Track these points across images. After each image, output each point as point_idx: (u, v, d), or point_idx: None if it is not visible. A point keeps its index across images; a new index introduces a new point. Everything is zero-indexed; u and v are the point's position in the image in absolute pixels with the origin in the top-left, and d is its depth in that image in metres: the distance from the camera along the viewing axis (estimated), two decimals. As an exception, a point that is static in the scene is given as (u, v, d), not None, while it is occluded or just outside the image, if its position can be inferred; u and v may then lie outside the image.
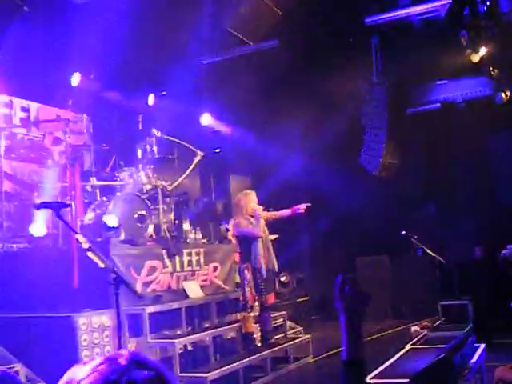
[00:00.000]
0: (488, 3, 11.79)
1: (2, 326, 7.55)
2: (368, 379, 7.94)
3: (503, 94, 13.39)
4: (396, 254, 15.01)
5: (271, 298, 10.36)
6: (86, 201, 9.12)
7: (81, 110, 10.04)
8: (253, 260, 9.53)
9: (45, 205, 4.83)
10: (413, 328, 12.27)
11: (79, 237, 4.70)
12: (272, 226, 10.26)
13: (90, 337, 7.48)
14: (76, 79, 10.66)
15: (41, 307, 7.88)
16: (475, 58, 12.83)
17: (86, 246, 4.57)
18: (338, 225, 15.49)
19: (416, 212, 16.33)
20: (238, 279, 10.75)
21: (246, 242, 9.61)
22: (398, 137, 14.36)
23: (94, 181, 9.22)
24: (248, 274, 9.51)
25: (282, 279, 14.31)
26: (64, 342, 7.28)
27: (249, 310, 9.52)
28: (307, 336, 10.66)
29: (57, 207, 4.59)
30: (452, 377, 7.07)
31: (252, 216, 9.60)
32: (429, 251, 13.85)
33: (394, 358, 8.67)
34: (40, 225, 8.59)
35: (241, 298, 10.11)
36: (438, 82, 15.33)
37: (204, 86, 12.94)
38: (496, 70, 13.19)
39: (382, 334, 12.38)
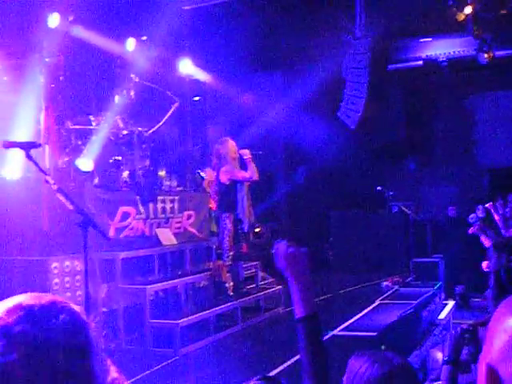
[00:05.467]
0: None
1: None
2: (337, 331, 8.06)
3: (486, 55, 13.32)
4: (371, 209, 15.08)
5: (244, 248, 10.39)
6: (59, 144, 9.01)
7: (57, 53, 9.83)
8: (238, 209, 9.49)
9: (14, 144, 4.71)
10: (384, 283, 12.45)
11: (48, 178, 4.63)
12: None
13: (62, 281, 7.47)
14: (54, 21, 10.38)
15: (14, 250, 7.83)
16: (460, 17, 12.72)
17: (54, 187, 4.50)
18: (314, 177, 15.48)
19: (394, 168, 16.39)
20: (213, 228, 10.75)
21: (231, 190, 9.51)
22: (379, 93, 14.30)
23: (68, 124, 9.09)
24: (229, 224, 9.45)
25: (257, 230, 14.34)
26: (36, 286, 7.26)
27: (225, 260, 9.51)
28: (279, 287, 10.73)
29: (27, 147, 4.48)
30: (420, 332, 7.19)
31: (238, 162, 9.54)
32: (404, 208, 13.97)
33: (364, 312, 8.81)
34: (14, 167, 8.47)
35: (215, 247, 10.13)
36: (422, 40, 15.21)
37: (185, 32, 12.73)
38: (480, 30, 13.10)
39: (353, 288, 12.49)
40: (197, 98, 10.66)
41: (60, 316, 1.36)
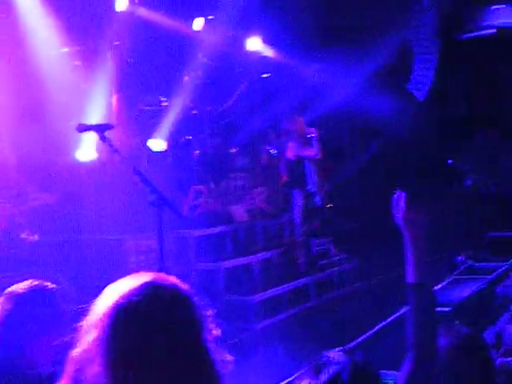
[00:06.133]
0: None
1: (54, 247, 7.73)
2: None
3: None
4: (445, 182, 14.79)
5: (317, 224, 10.37)
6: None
7: (126, 36, 9.96)
8: (309, 184, 9.50)
9: (88, 127, 4.80)
10: (458, 258, 12.24)
11: (122, 159, 4.72)
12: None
13: (137, 259, 7.64)
14: (121, 4, 10.48)
15: (90, 230, 8.05)
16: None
17: (128, 167, 4.59)
18: (386, 152, 15.26)
19: (467, 141, 16.01)
20: (284, 204, 10.78)
21: (299, 166, 9.52)
22: (449, 64, 13.96)
23: (140, 105, 9.24)
24: (300, 199, 9.47)
25: (329, 205, 14.27)
26: (112, 264, 7.44)
27: (298, 236, 9.53)
28: (352, 262, 10.68)
29: (100, 129, 4.57)
30: (494, 307, 7.06)
31: (305, 140, 9.52)
32: (478, 181, 13.66)
33: (439, 287, 8.69)
34: (88, 149, 8.66)
35: (288, 223, 10.16)
36: (494, 7, 14.73)
37: (251, 10, 12.68)
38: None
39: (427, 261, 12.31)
40: (265, 75, 10.63)
41: (181, 296, 1.55)
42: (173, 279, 1.58)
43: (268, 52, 13.46)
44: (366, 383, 2.01)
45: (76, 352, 1.48)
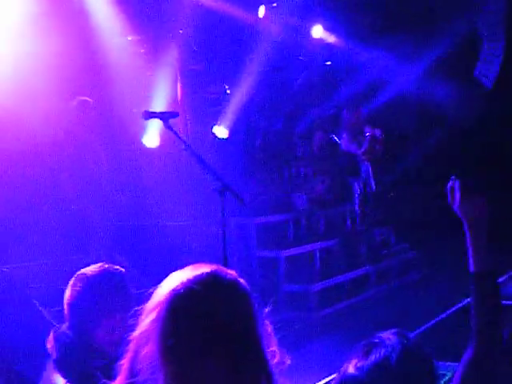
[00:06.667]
0: None
1: (120, 232, 7.86)
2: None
3: None
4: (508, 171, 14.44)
5: (377, 213, 10.30)
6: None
7: (190, 24, 10.03)
8: (363, 172, 9.47)
9: (153, 114, 4.88)
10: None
11: (187, 146, 4.78)
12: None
13: (200, 245, 7.71)
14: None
15: (155, 216, 8.17)
16: None
17: (193, 154, 4.65)
18: (449, 141, 15.00)
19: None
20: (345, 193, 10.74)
21: (352, 155, 9.51)
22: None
23: (204, 93, 9.31)
24: (357, 188, 9.46)
25: (391, 194, 14.12)
26: (176, 250, 7.54)
27: (359, 225, 9.51)
28: (413, 252, 10.58)
29: (165, 117, 4.63)
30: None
31: (358, 134, 9.50)
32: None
33: (504, 278, 8.52)
34: (152, 135, 8.78)
35: (349, 212, 10.12)
36: None
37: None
38: None
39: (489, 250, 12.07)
40: (328, 63, 10.59)
41: (239, 290, 1.59)
42: (233, 273, 1.61)
43: (330, 39, 13.38)
44: (417, 369, 1.92)
45: (135, 334, 1.53)
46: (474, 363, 2.12)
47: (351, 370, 1.88)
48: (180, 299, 1.50)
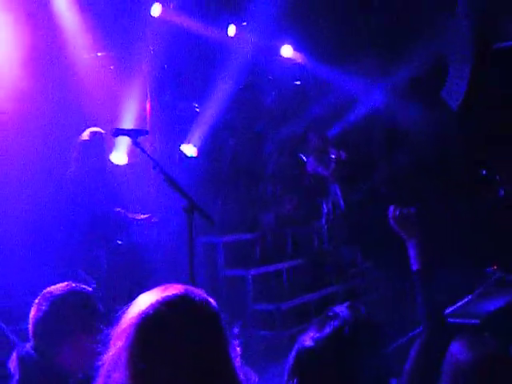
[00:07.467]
0: None
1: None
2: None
3: None
4: (476, 193, 14.62)
5: (342, 232, 10.35)
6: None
7: (161, 41, 10.03)
8: (331, 193, 9.53)
9: (123, 132, 4.87)
10: (489, 269, 12.09)
11: (155, 164, 4.76)
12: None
13: (167, 264, 7.67)
14: (156, 9, 10.48)
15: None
16: None
17: (161, 173, 4.63)
18: (416, 162, 15.14)
19: (503, 151, 15.81)
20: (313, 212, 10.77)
21: (321, 177, 9.58)
22: (484, 73, 13.83)
23: (173, 111, 9.30)
24: (326, 208, 9.51)
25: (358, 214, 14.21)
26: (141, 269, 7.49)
27: (326, 244, 9.54)
28: (379, 270, 10.62)
29: (135, 134, 4.62)
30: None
31: (324, 157, 9.59)
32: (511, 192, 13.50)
33: (468, 299, 8.60)
34: (121, 153, 8.72)
35: (316, 231, 10.15)
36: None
37: (283, 17, 12.70)
38: None
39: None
40: (297, 83, 10.67)
41: (209, 312, 1.60)
42: (202, 293, 1.57)
43: (299, 59, 13.47)
44: (368, 337, 2.10)
45: (106, 357, 1.50)
46: (425, 345, 2.50)
47: (308, 342, 2.01)
48: (149, 322, 1.47)
